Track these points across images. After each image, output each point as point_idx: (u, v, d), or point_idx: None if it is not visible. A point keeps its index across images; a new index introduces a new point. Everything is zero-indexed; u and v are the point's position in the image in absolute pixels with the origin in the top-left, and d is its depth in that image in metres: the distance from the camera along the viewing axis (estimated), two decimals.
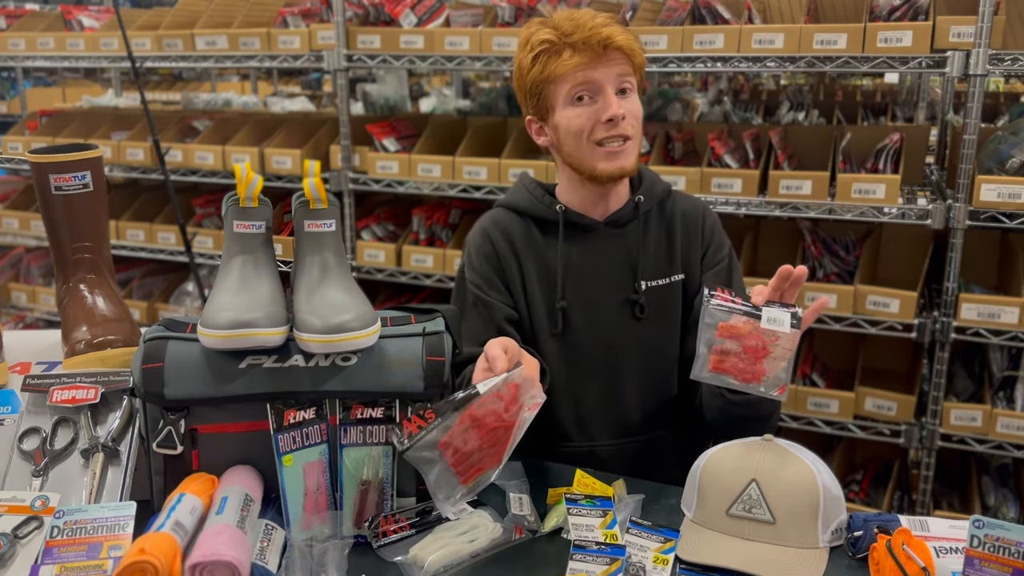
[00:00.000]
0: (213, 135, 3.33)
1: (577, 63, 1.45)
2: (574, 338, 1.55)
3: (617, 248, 1.56)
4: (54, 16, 3.67)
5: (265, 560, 1.12)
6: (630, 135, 1.48)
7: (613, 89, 1.46)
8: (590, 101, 1.47)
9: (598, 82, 1.45)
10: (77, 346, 1.39)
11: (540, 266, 1.57)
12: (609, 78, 1.46)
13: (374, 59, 2.86)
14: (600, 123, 1.46)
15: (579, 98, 1.47)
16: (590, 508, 1.23)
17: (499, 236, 1.59)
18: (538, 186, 1.62)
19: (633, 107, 1.49)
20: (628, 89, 1.49)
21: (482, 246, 1.60)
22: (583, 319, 1.55)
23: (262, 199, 1.28)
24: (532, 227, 1.59)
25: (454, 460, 1.15)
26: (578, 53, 1.45)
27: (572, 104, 1.48)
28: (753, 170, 2.55)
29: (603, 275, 1.56)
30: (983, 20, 2.17)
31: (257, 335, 1.18)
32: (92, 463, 1.23)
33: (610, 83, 1.46)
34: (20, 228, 3.69)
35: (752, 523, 1.18)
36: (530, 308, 1.57)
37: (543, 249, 1.58)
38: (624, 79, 1.47)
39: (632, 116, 1.48)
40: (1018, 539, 1.02)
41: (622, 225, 1.57)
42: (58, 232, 1.47)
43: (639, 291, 1.55)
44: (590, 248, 1.56)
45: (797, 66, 2.38)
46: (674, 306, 1.58)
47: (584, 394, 1.56)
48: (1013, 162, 2.31)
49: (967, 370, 2.68)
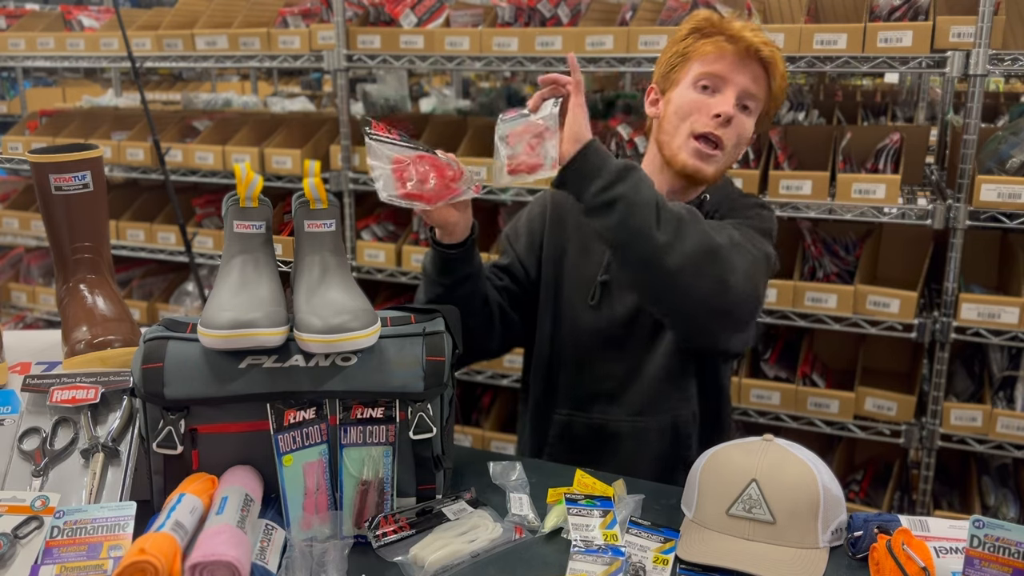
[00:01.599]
0: (213, 135, 3.33)
1: (719, 52, 1.47)
2: (611, 312, 1.57)
3: None
4: (54, 16, 3.66)
5: (265, 560, 1.12)
6: (725, 144, 1.48)
7: (736, 93, 1.48)
8: (711, 93, 1.48)
9: (727, 79, 1.47)
10: (77, 346, 1.39)
11: (590, 241, 1.60)
12: (739, 82, 1.48)
13: (374, 59, 2.86)
14: (707, 116, 1.47)
15: (704, 87, 1.49)
16: (590, 508, 1.23)
17: (554, 208, 1.66)
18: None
19: (743, 123, 1.50)
20: (750, 107, 1.51)
21: (535, 209, 1.70)
22: (621, 295, 1.57)
23: (262, 199, 1.28)
24: None
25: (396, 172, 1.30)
26: (726, 46, 1.47)
27: (694, 88, 1.50)
28: (753, 170, 2.55)
29: None
30: (983, 20, 2.17)
31: (257, 335, 1.18)
32: (92, 463, 1.23)
33: (736, 87, 1.48)
34: (20, 228, 3.69)
35: (752, 523, 1.18)
36: (567, 278, 1.62)
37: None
38: (751, 95, 1.49)
39: (736, 131, 1.49)
40: (1018, 539, 1.02)
41: None
42: (58, 232, 1.47)
43: None
44: None
45: (797, 66, 2.38)
46: None
47: (609, 368, 1.59)
48: (1013, 162, 2.31)
49: (967, 370, 2.68)
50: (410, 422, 1.23)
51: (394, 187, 1.30)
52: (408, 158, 1.31)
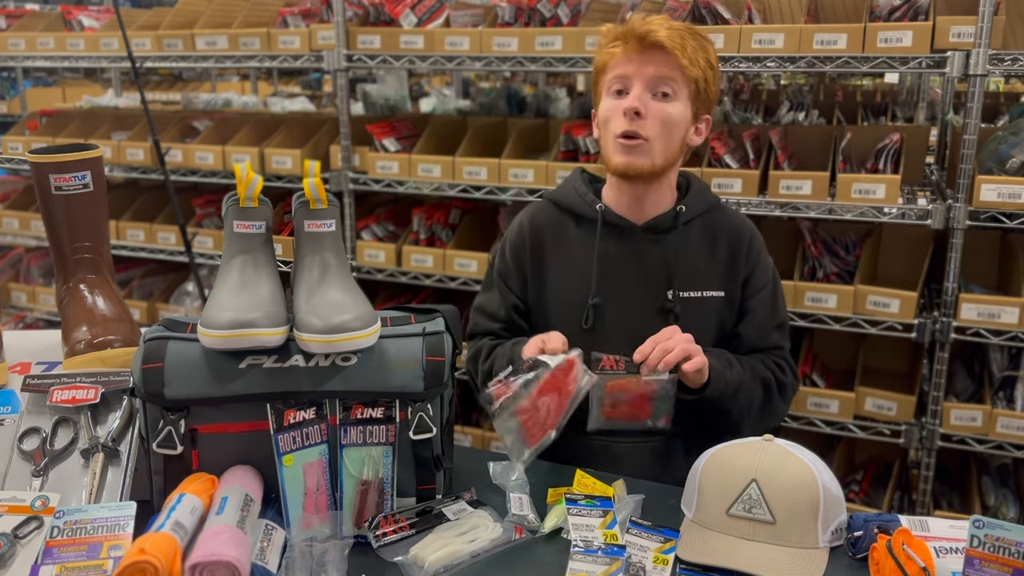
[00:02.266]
0: (213, 135, 3.33)
1: (622, 54, 1.48)
2: (605, 335, 1.56)
3: (654, 254, 1.57)
4: (54, 16, 3.66)
5: (265, 560, 1.12)
6: (646, 134, 1.47)
7: (644, 86, 1.47)
8: (624, 95, 1.49)
9: (632, 76, 1.47)
10: (77, 346, 1.39)
11: (574, 262, 1.60)
12: (644, 74, 1.47)
13: (374, 59, 2.86)
14: (619, 116, 1.48)
15: (618, 91, 1.49)
16: (590, 508, 1.23)
17: (532, 234, 1.65)
18: (585, 183, 1.65)
19: (662, 110, 1.48)
20: (669, 92, 1.48)
21: (515, 241, 1.67)
22: (616, 318, 1.57)
23: (262, 199, 1.28)
24: (571, 223, 1.62)
25: (526, 425, 1.27)
26: (626, 45, 1.47)
27: (610, 95, 1.51)
28: (753, 170, 2.55)
29: (637, 279, 1.57)
30: (983, 20, 2.17)
31: (257, 335, 1.18)
32: (92, 463, 1.23)
33: (642, 79, 1.47)
34: (20, 228, 3.69)
35: (752, 523, 1.18)
36: (552, 304, 1.62)
37: (580, 245, 1.60)
38: (662, 80, 1.47)
39: (657, 119, 1.48)
40: (1018, 539, 1.02)
41: (661, 232, 1.58)
42: (58, 232, 1.47)
43: (672, 299, 1.55)
44: (626, 250, 1.58)
45: (797, 66, 2.38)
46: (708, 321, 1.58)
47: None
48: (1013, 162, 2.31)
49: (967, 370, 2.68)
50: (410, 422, 1.23)
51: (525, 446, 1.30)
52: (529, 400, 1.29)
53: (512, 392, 1.27)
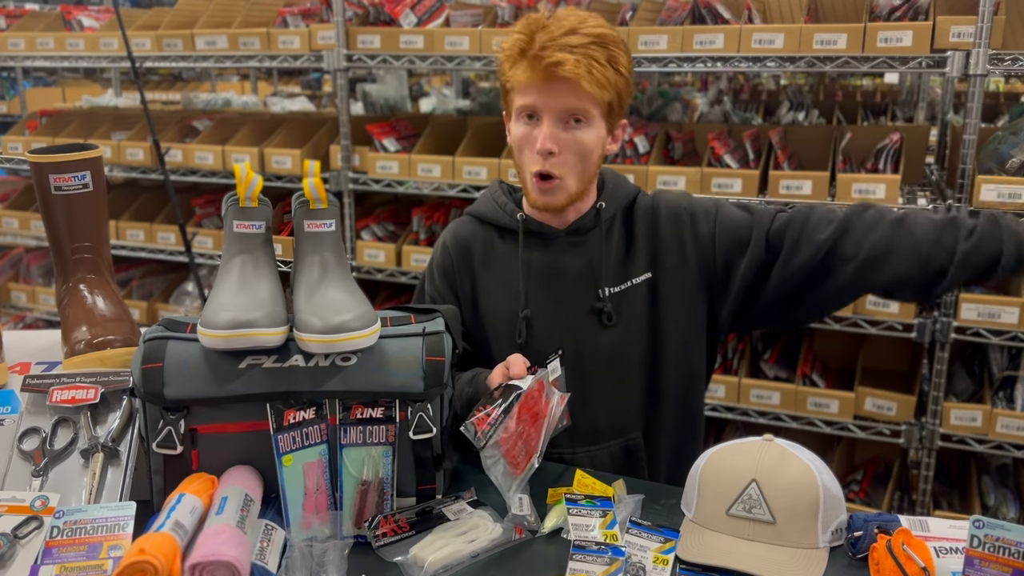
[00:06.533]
0: (213, 135, 3.34)
1: (527, 80, 1.38)
2: (539, 347, 1.48)
3: (579, 256, 1.52)
4: (54, 16, 3.67)
5: (265, 560, 1.12)
6: (560, 175, 1.41)
7: (554, 119, 1.38)
8: (536, 123, 1.41)
9: (540, 108, 1.39)
10: (77, 346, 1.39)
11: (502, 276, 1.55)
12: (553, 106, 1.38)
13: (374, 59, 2.86)
14: (532, 151, 1.41)
15: (529, 116, 1.42)
16: (590, 508, 1.23)
17: (457, 250, 1.59)
18: (505, 193, 1.59)
19: (575, 139, 1.40)
20: (582, 120, 1.39)
21: (441, 260, 1.61)
22: (548, 328, 1.52)
23: (262, 199, 1.28)
24: (495, 236, 1.57)
25: (508, 455, 1.23)
26: (530, 71, 1.37)
27: (521, 120, 1.43)
28: (753, 170, 2.55)
29: (566, 284, 1.52)
30: (983, 20, 2.17)
31: (257, 335, 1.18)
32: (92, 463, 1.23)
33: (552, 113, 1.38)
34: (20, 228, 3.69)
35: (752, 523, 1.18)
36: (487, 320, 1.56)
37: (505, 258, 1.55)
38: (573, 111, 1.38)
39: (571, 151, 1.40)
40: (1018, 539, 1.02)
41: (584, 233, 1.52)
42: (58, 232, 1.47)
43: (603, 298, 1.50)
44: (551, 257, 1.53)
45: (797, 66, 2.38)
46: (640, 309, 1.52)
47: None
48: (1013, 162, 2.31)
49: (967, 370, 2.68)
50: (410, 422, 1.23)
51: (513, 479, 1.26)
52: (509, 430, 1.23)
53: (492, 419, 1.21)
